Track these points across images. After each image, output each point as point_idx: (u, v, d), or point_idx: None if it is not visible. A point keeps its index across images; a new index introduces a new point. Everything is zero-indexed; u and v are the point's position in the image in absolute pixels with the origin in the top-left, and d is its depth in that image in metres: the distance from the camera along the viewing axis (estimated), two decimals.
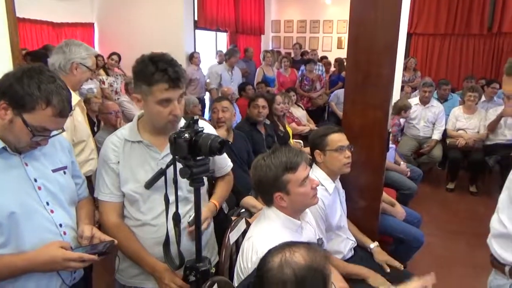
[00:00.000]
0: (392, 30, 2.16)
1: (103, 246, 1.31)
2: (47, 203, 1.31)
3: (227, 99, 3.11)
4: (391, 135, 2.73)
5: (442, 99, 5.54)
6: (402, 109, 4.61)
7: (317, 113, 6.55)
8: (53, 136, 1.31)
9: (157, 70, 1.37)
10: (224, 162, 1.80)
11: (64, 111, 1.24)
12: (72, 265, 1.25)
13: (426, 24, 8.33)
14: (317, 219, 1.94)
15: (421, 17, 8.36)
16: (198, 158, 1.30)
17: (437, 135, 4.99)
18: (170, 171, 1.39)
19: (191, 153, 1.27)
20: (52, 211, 1.32)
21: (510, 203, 1.38)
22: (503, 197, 1.46)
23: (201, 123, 1.38)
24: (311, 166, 2.17)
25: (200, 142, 1.26)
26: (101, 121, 3.95)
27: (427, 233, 3.04)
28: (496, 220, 1.46)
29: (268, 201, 1.58)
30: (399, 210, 2.89)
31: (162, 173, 1.42)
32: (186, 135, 1.26)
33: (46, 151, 1.37)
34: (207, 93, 6.60)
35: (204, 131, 1.31)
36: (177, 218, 1.39)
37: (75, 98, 2.23)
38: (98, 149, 2.03)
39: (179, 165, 1.32)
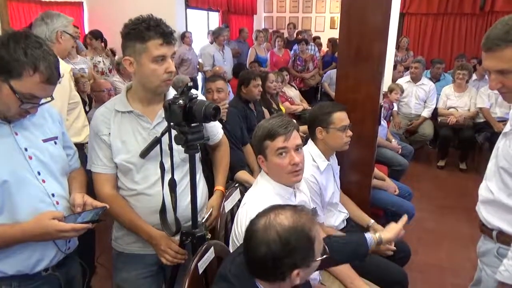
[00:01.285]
0: (384, 4, 2.16)
1: (95, 213, 1.30)
2: (39, 173, 1.30)
3: (221, 78, 3.09)
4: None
5: (435, 79, 5.57)
6: (391, 90, 4.61)
7: (310, 93, 6.55)
8: (42, 104, 1.29)
9: (149, 26, 1.39)
10: (215, 130, 1.81)
11: (52, 77, 1.21)
12: (66, 235, 1.26)
13: (419, 4, 8.28)
14: (311, 193, 1.96)
15: None
16: (192, 124, 1.31)
17: (426, 113, 5.05)
18: (165, 140, 1.41)
19: (185, 119, 1.29)
20: (43, 181, 1.31)
21: (497, 171, 1.41)
22: (490, 165, 1.49)
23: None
24: (306, 141, 2.19)
25: (194, 109, 1.28)
26: (93, 100, 3.92)
27: (418, 208, 3.10)
28: (484, 188, 1.50)
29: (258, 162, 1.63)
30: (391, 184, 2.95)
31: (157, 141, 1.43)
32: (181, 101, 1.27)
33: (36, 121, 1.35)
34: (200, 73, 6.55)
35: (198, 98, 1.32)
36: (173, 184, 1.41)
37: (67, 66, 2.31)
38: None
39: (174, 133, 1.34)
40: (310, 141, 2.17)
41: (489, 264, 1.47)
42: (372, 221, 2.31)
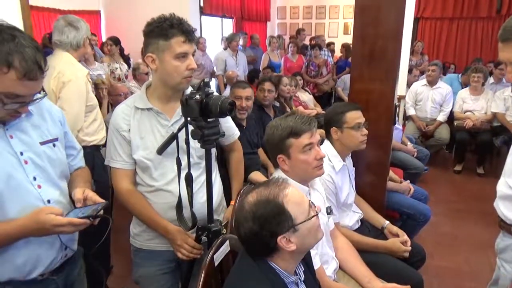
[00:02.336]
0: (397, 4, 2.17)
1: (95, 208, 1.21)
2: (34, 178, 1.22)
3: (249, 86, 3.06)
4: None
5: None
6: None
7: (324, 98, 6.55)
8: (34, 101, 1.18)
9: (173, 24, 1.44)
10: (231, 130, 1.83)
11: (31, 72, 1.07)
12: (63, 230, 1.17)
13: (433, 8, 8.26)
14: (327, 192, 1.97)
15: (429, 1, 8.28)
16: (209, 120, 1.34)
17: (442, 117, 4.99)
18: (181, 136, 1.44)
19: (202, 114, 1.31)
20: (39, 186, 1.23)
21: None
22: (509, 161, 1.48)
23: None
24: (322, 142, 2.20)
25: (210, 104, 1.30)
26: (110, 104, 3.99)
27: (434, 212, 3.06)
28: (502, 183, 1.49)
29: (274, 162, 1.64)
30: (405, 186, 2.92)
31: (174, 137, 1.46)
32: (197, 96, 1.30)
33: (35, 122, 1.27)
34: (213, 79, 6.63)
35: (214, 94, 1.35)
36: (189, 178, 1.43)
37: (84, 70, 2.40)
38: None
39: (191, 128, 1.36)
40: (326, 141, 2.17)
41: (508, 260, 1.45)
42: (387, 222, 2.29)
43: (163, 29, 1.44)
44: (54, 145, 1.31)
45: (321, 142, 2.21)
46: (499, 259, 1.53)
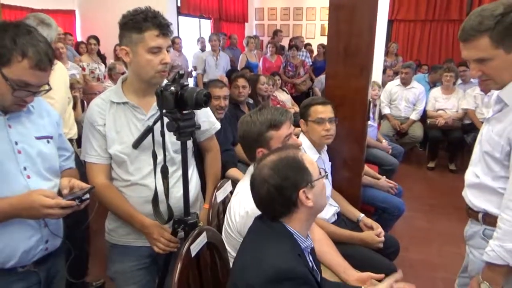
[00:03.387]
0: (371, 3, 2.23)
1: (82, 192, 1.28)
2: (25, 168, 1.28)
3: (225, 85, 3.05)
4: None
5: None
6: None
7: (301, 99, 6.56)
8: (39, 92, 1.28)
9: (147, 17, 1.42)
10: (207, 125, 1.77)
11: (42, 63, 1.21)
12: (51, 212, 1.20)
13: (407, 11, 8.49)
14: None
15: (402, 4, 8.51)
16: (184, 112, 1.34)
17: (415, 115, 5.14)
18: (157, 130, 1.43)
19: (177, 106, 1.31)
20: (28, 177, 1.29)
21: (481, 156, 1.46)
22: (475, 151, 1.55)
23: None
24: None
25: (186, 95, 1.30)
26: (83, 104, 3.93)
27: (408, 208, 3.15)
28: (469, 173, 1.55)
29: (252, 157, 1.62)
30: (384, 184, 2.98)
31: (149, 130, 1.45)
32: (172, 88, 1.30)
33: (33, 118, 1.35)
34: (189, 79, 6.59)
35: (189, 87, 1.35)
36: (165, 171, 1.42)
37: (62, 66, 2.42)
38: None
39: (166, 121, 1.36)
40: (301, 134, 2.22)
41: (475, 246, 1.50)
42: (362, 215, 2.34)
43: (136, 22, 1.43)
44: (48, 142, 1.38)
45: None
46: (468, 246, 1.59)
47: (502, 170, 1.37)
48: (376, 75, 5.87)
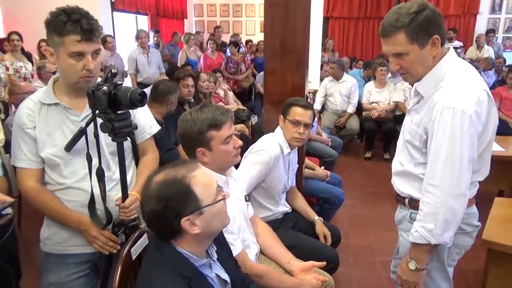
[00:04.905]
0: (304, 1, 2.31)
1: (2, 207, 1.20)
2: None
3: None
4: None
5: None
6: None
7: (244, 95, 6.67)
8: None
9: (69, 20, 1.33)
10: (143, 128, 1.68)
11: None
12: None
13: (341, 9, 8.86)
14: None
15: (337, 2, 8.87)
16: (119, 112, 1.30)
17: (351, 109, 5.40)
18: (92, 131, 1.38)
19: (111, 106, 1.27)
20: None
21: (404, 145, 1.58)
22: (399, 141, 1.67)
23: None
24: None
25: (119, 95, 1.27)
26: (10, 106, 3.65)
27: (348, 196, 3.32)
28: (395, 161, 1.66)
29: (191, 156, 1.59)
30: (321, 173, 3.11)
31: (82, 131, 1.39)
32: (105, 88, 1.25)
33: None
34: (125, 80, 6.31)
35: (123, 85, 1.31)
36: (100, 173, 1.37)
37: None
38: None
39: (100, 122, 1.31)
40: (278, 128, 2.27)
41: (404, 229, 1.62)
42: (317, 218, 2.40)
43: (57, 24, 1.34)
44: None
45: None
46: (399, 229, 1.70)
47: (421, 157, 1.49)
48: (314, 70, 6.10)
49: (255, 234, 1.87)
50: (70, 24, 1.33)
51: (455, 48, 7.03)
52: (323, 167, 3.19)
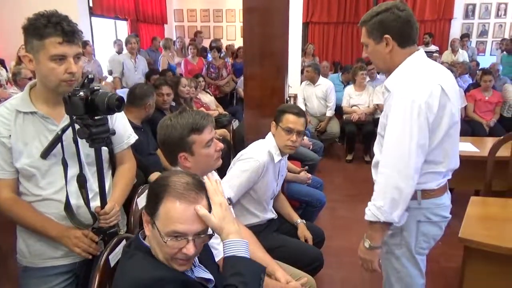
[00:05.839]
0: (282, 7, 2.34)
1: None
2: None
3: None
4: None
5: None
6: None
7: (225, 100, 6.67)
8: None
9: (49, 23, 1.31)
10: (120, 139, 1.65)
11: None
12: None
13: (320, 14, 8.99)
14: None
15: (316, 7, 8.99)
16: (96, 117, 1.28)
17: (329, 112, 5.47)
18: (69, 138, 1.35)
19: (88, 112, 1.25)
20: None
21: (378, 138, 1.67)
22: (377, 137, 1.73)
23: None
24: None
25: (96, 100, 1.25)
26: None
27: (330, 198, 3.34)
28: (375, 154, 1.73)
29: (173, 161, 1.58)
30: (302, 176, 3.13)
31: (58, 138, 1.37)
32: (81, 93, 1.24)
33: None
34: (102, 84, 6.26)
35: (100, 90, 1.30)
36: (82, 180, 1.35)
37: None
38: None
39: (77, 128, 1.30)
40: (270, 134, 2.26)
41: None
42: (299, 221, 2.42)
43: (36, 28, 1.31)
44: None
45: None
46: None
47: None
48: (294, 75, 6.16)
49: None
50: (51, 26, 1.30)
51: (432, 52, 7.28)
52: (304, 171, 3.21)
